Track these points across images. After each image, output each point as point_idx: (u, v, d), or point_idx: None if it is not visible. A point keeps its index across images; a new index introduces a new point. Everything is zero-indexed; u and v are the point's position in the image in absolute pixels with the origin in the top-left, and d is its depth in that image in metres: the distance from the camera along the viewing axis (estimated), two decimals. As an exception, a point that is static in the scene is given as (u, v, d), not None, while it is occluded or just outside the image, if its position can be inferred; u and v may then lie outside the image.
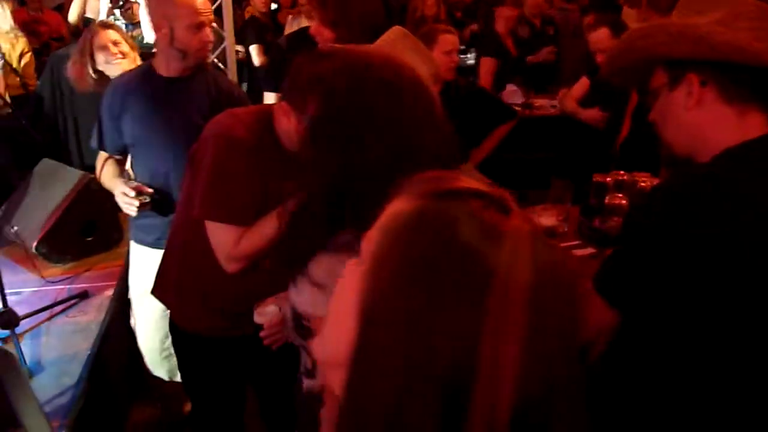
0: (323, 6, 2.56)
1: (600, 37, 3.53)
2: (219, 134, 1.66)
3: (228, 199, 1.65)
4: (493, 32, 5.02)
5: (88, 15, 5.33)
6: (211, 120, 1.75)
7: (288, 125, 1.42)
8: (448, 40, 3.05)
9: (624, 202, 2.57)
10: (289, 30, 5.93)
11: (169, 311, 2.08)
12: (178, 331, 1.99)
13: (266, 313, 1.69)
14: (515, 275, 0.58)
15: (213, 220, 1.68)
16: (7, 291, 2.16)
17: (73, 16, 5.26)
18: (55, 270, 2.69)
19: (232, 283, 1.75)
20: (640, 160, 3.12)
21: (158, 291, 2.02)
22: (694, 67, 1.26)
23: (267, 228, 1.64)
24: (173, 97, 2.47)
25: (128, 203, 2.41)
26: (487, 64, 4.83)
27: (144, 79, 2.51)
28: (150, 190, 2.42)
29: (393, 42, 1.77)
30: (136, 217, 2.53)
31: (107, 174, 2.61)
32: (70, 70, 3.26)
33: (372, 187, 1.02)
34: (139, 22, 4.42)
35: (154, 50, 2.60)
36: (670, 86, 1.30)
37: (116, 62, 3.11)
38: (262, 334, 1.68)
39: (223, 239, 1.68)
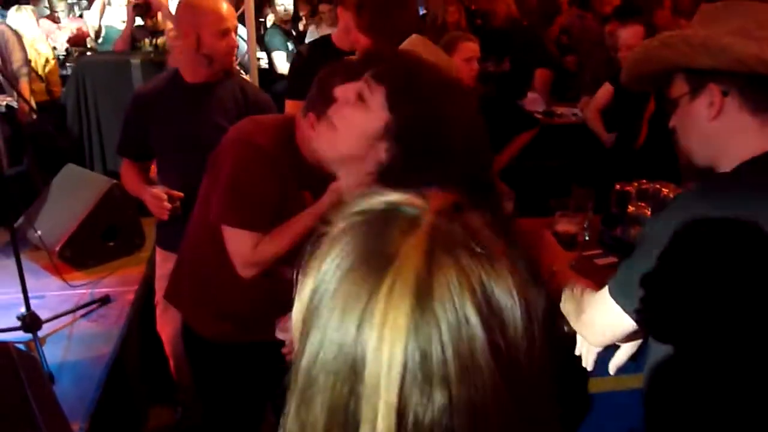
0: (359, 13, 2.56)
1: (632, 32, 3.52)
2: (240, 140, 1.67)
3: (247, 205, 1.65)
4: (543, 43, 5.05)
5: (111, 24, 5.41)
6: (233, 126, 1.76)
7: (312, 136, 1.43)
8: (469, 47, 3.05)
9: (647, 211, 2.55)
10: (310, 38, 5.97)
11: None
12: (191, 336, 1.99)
13: (288, 329, 1.68)
14: (405, 272, 0.59)
15: (231, 226, 1.68)
16: (30, 295, 2.19)
17: (93, 20, 5.36)
18: (78, 274, 2.72)
19: (246, 288, 1.76)
20: (656, 165, 3.10)
21: (171, 295, 2.02)
22: (714, 78, 1.24)
23: (285, 235, 1.64)
24: (200, 103, 2.49)
25: (161, 207, 2.42)
26: (544, 75, 4.86)
27: (170, 85, 2.53)
28: (180, 194, 2.43)
29: (414, 48, 1.77)
30: (161, 223, 2.55)
31: (132, 180, 2.64)
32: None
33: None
34: (162, 30, 4.47)
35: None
36: (691, 96, 1.28)
37: None
38: (284, 350, 1.68)
39: (241, 245, 1.68)
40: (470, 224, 0.64)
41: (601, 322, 1.35)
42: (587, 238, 2.64)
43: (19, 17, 4.97)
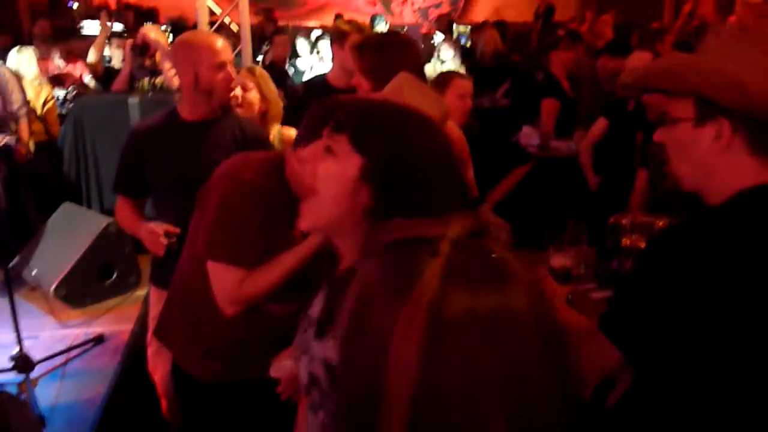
0: (360, 56, 2.58)
1: (642, 57, 3.56)
2: (229, 175, 1.68)
3: (233, 239, 1.64)
4: (552, 75, 5.09)
5: (114, 65, 5.48)
6: (223, 162, 1.76)
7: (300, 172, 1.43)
8: (461, 84, 3.06)
9: (642, 244, 2.54)
10: (308, 75, 6.04)
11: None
12: (181, 375, 1.96)
13: (283, 367, 1.67)
14: (422, 297, 0.63)
15: (217, 261, 1.67)
16: (24, 335, 2.18)
17: (91, 57, 5.42)
18: (73, 313, 2.71)
19: (235, 326, 1.74)
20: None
21: (161, 333, 2.00)
22: (730, 114, 1.18)
23: (271, 273, 1.63)
24: (198, 140, 2.49)
25: (157, 243, 2.41)
26: (550, 106, 4.88)
27: (168, 124, 2.53)
28: (177, 230, 2.42)
29: (400, 86, 1.78)
30: (156, 261, 2.53)
31: (128, 218, 2.62)
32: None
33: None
34: (160, 70, 4.52)
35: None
36: (697, 122, 1.21)
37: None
38: (279, 389, 1.66)
39: (226, 280, 1.67)
40: (487, 250, 0.68)
41: (595, 357, 1.34)
42: (582, 271, 2.63)
43: (19, 58, 5.04)
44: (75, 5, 10.46)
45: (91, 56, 5.40)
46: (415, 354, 0.62)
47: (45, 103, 5.04)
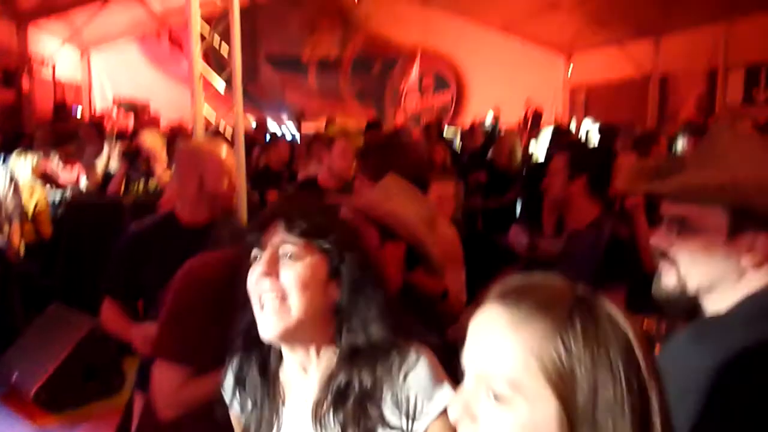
0: (363, 160, 2.62)
1: (628, 160, 3.65)
2: (186, 273, 1.66)
3: (179, 337, 1.59)
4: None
5: (111, 167, 5.60)
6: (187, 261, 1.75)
7: None
8: (442, 187, 3.09)
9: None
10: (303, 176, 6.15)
11: None
12: None
13: None
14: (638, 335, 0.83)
15: (163, 358, 1.62)
16: (-3, 444, 2.11)
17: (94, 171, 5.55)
18: (51, 418, 2.64)
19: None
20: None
21: None
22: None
23: (217, 378, 1.45)
24: (197, 245, 2.47)
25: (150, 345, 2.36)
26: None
27: (165, 227, 2.52)
28: None
29: (386, 187, 1.83)
30: (144, 365, 2.48)
31: (116, 320, 2.58)
32: None
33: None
34: (153, 173, 4.62)
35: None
36: (730, 233, 1.16)
37: None
38: None
39: (165, 379, 1.60)
40: None
41: None
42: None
43: (17, 161, 5.15)
44: (79, 113, 10.75)
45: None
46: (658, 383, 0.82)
47: (37, 204, 5.10)
